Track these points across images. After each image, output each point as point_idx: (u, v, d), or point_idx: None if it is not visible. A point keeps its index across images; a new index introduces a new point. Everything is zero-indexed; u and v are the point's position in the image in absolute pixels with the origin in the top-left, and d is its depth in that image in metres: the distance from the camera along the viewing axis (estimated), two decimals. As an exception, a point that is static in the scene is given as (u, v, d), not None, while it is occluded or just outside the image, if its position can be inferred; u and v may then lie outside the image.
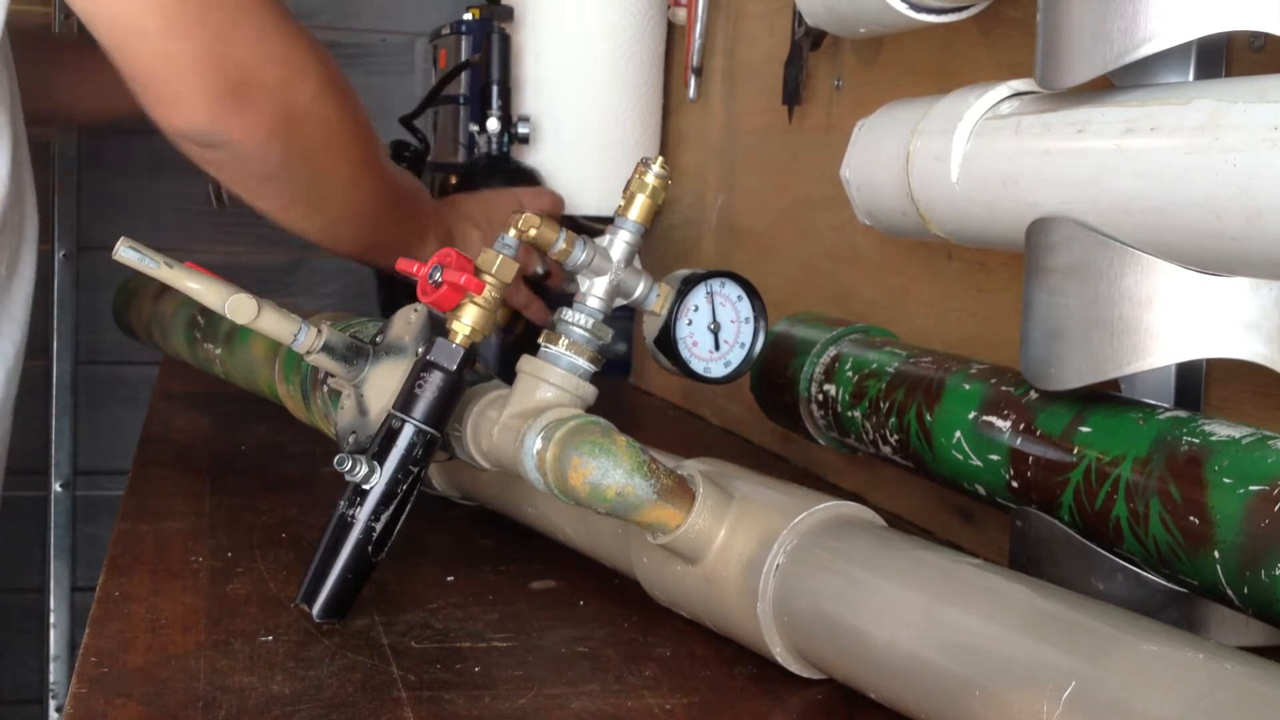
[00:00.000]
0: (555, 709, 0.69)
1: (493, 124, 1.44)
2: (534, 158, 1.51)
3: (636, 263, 0.83)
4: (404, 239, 1.18)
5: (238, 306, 0.81)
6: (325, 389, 0.98)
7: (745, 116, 1.41)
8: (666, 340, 0.83)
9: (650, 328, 0.84)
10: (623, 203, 0.82)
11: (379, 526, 0.77)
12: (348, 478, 0.78)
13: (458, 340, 0.79)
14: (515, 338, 1.34)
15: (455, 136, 1.77)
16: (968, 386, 0.84)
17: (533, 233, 0.79)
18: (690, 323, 0.84)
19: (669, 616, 0.82)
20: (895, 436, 0.90)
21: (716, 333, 0.85)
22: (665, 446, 0.86)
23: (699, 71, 1.48)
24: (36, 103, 1.16)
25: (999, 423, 0.80)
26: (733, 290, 0.85)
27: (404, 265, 0.79)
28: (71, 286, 1.95)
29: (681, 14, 1.49)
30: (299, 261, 2.04)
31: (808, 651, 0.72)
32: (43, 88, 1.29)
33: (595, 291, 0.81)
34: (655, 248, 1.62)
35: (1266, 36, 0.72)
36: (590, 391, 0.81)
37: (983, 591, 0.63)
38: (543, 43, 1.50)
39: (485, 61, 1.45)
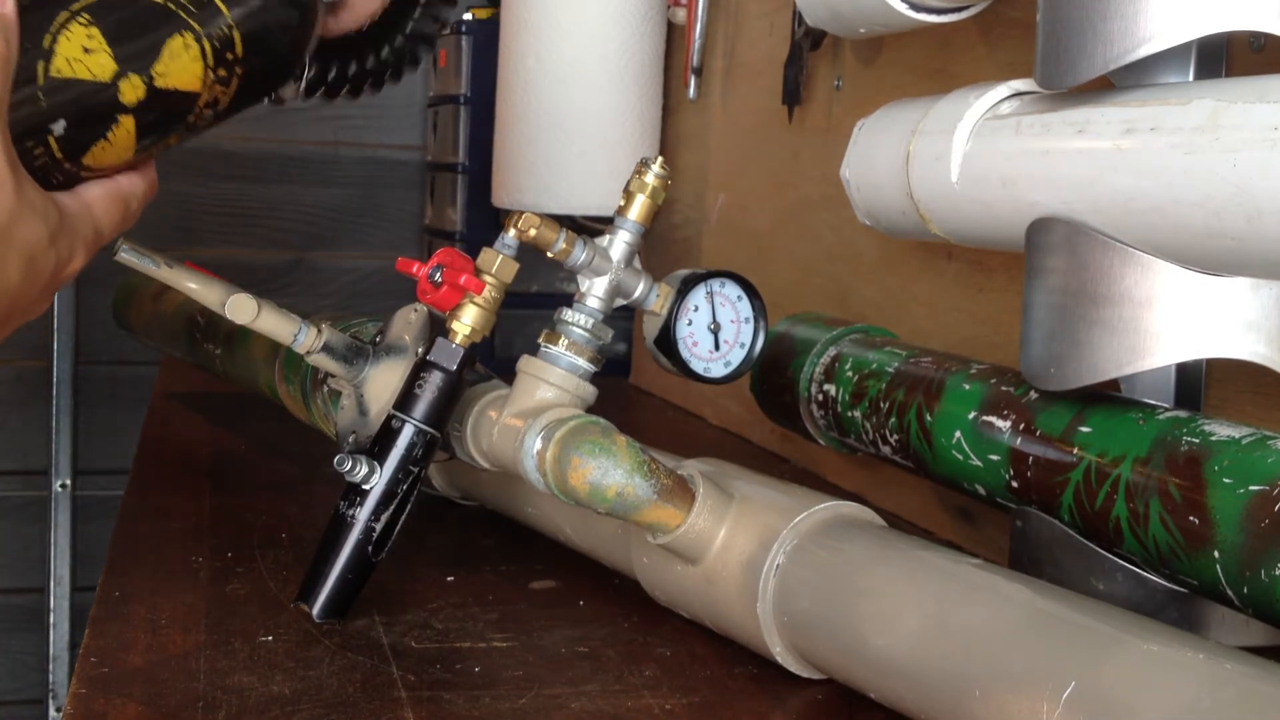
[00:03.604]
0: (555, 709, 0.69)
1: None
2: (535, 158, 1.51)
3: (636, 263, 0.83)
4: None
5: (238, 306, 0.81)
6: (325, 389, 0.98)
7: (745, 116, 1.41)
8: (666, 340, 0.83)
9: (650, 328, 0.84)
10: (622, 203, 0.82)
11: (379, 526, 0.77)
12: (348, 478, 0.78)
13: (457, 340, 0.79)
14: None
15: (455, 136, 1.78)
16: (968, 386, 0.84)
17: (532, 233, 0.79)
18: (690, 323, 0.84)
19: (669, 616, 0.82)
20: (895, 436, 0.90)
21: (716, 333, 0.85)
22: (665, 446, 0.86)
23: (699, 71, 1.48)
24: None
25: (999, 423, 0.80)
26: (733, 290, 0.85)
27: (403, 265, 0.79)
28: (71, 286, 1.95)
29: (681, 14, 1.49)
30: (299, 261, 2.04)
31: (808, 651, 0.72)
32: None
33: (595, 291, 0.81)
34: (655, 248, 1.62)
35: (1266, 36, 0.72)
36: (590, 391, 0.81)
37: (983, 591, 0.63)
38: (543, 43, 1.49)
39: None
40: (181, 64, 0.67)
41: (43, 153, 0.64)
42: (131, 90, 0.66)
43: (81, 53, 0.64)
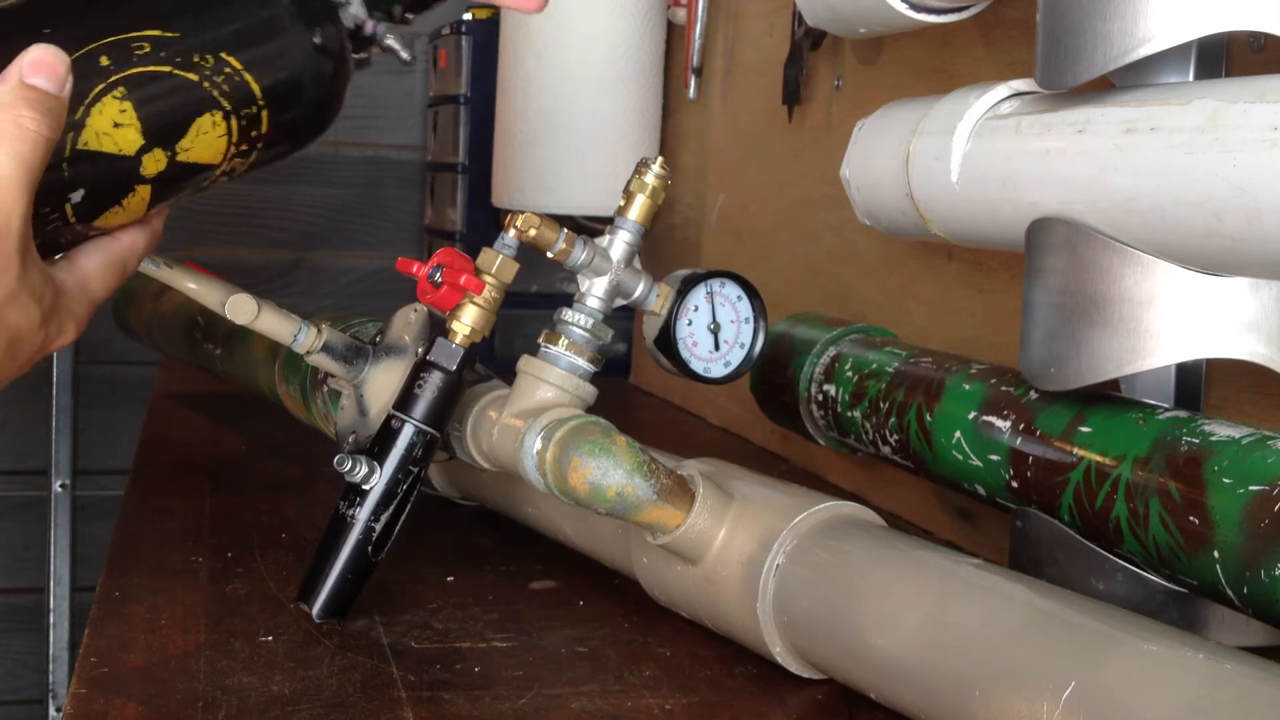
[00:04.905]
0: (555, 709, 0.69)
1: None
2: (535, 158, 1.51)
3: (636, 263, 0.83)
4: None
5: (238, 306, 0.81)
6: (325, 389, 0.98)
7: (745, 116, 1.41)
8: (666, 340, 0.83)
9: (650, 328, 0.84)
10: (622, 203, 0.82)
11: (379, 526, 0.77)
12: (347, 478, 0.78)
13: (457, 340, 0.79)
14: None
15: (455, 136, 1.78)
16: (968, 386, 0.84)
17: (532, 233, 0.79)
18: (690, 323, 0.84)
19: (669, 616, 0.82)
20: (895, 436, 0.90)
21: (716, 333, 0.85)
22: (665, 446, 0.86)
23: (699, 71, 1.48)
24: None
25: (999, 423, 0.80)
26: (733, 290, 0.85)
27: (403, 265, 0.79)
28: (71, 286, 1.95)
29: (681, 14, 1.49)
30: (299, 261, 2.04)
31: (808, 651, 0.72)
32: None
33: (595, 291, 0.81)
34: (655, 248, 1.62)
35: (1266, 36, 0.72)
36: (590, 391, 0.81)
37: (983, 591, 0.63)
38: (543, 43, 1.49)
39: None
40: (207, 140, 0.68)
41: (57, 218, 0.65)
42: (154, 164, 0.66)
43: (111, 127, 0.64)
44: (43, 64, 0.62)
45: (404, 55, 0.78)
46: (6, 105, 0.60)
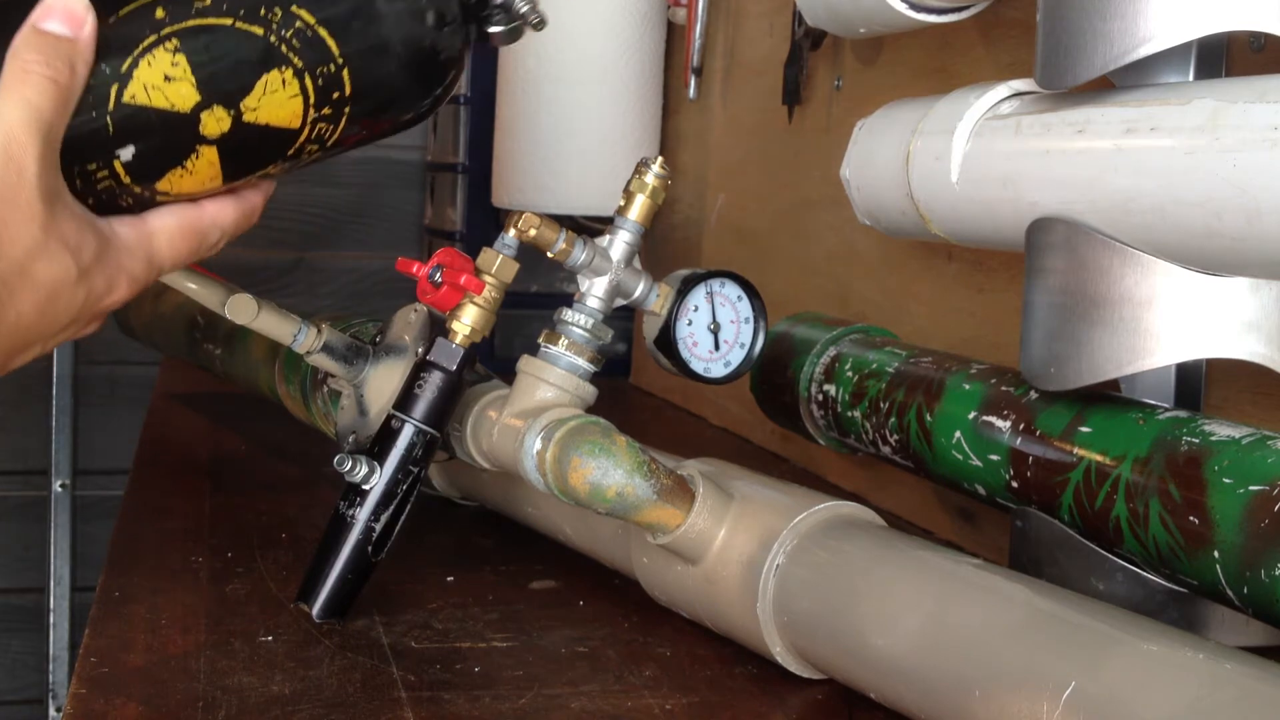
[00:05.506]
0: (555, 709, 0.69)
1: None
2: (535, 158, 1.51)
3: (636, 263, 0.83)
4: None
5: (238, 306, 0.81)
6: (325, 389, 0.98)
7: (745, 116, 1.41)
8: (666, 340, 0.83)
9: (650, 328, 0.84)
10: (623, 203, 0.82)
11: (379, 526, 0.77)
12: (347, 478, 0.78)
13: (458, 340, 0.79)
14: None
15: (455, 136, 1.78)
16: (968, 386, 0.84)
17: (532, 233, 0.79)
18: (690, 323, 0.84)
19: (669, 616, 0.82)
20: (895, 436, 0.90)
21: (716, 333, 0.85)
22: (665, 446, 0.86)
23: (699, 71, 1.48)
24: None
25: (999, 423, 0.80)
26: (733, 290, 0.85)
27: (403, 265, 0.79)
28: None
29: (681, 14, 1.49)
30: (299, 261, 2.04)
31: (808, 651, 0.72)
32: None
33: (595, 291, 0.81)
34: (655, 248, 1.62)
35: (1266, 36, 0.72)
36: (590, 391, 0.81)
37: (983, 591, 0.63)
38: (543, 42, 1.49)
39: None
40: (277, 100, 0.64)
41: (107, 175, 0.62)
42: (215, 123, 0.63)
43: (162, 80, 0.61)
44: (54, 8, 0.60)
45: (534, 20, 0.73)
46: (16, 52, 0.59)
